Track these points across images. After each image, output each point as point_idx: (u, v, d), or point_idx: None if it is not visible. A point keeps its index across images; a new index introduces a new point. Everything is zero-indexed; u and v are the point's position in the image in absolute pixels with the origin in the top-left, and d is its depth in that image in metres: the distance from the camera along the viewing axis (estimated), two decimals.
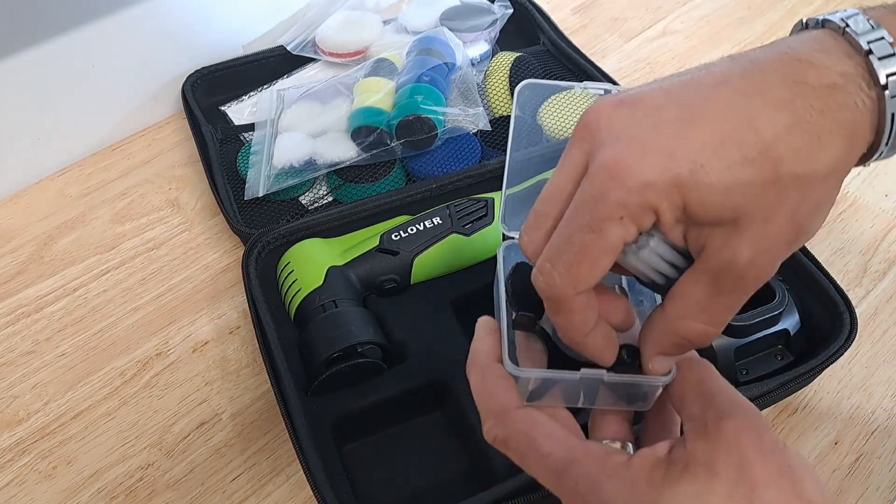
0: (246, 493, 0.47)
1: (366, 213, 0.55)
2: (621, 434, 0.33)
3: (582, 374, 0.31)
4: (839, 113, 0.26)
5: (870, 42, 0.27)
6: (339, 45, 0.71)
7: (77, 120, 0.67)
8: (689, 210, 0.27)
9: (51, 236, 0.62)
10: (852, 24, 0.27)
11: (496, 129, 0.65)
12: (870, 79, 0.26)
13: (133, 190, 0.65)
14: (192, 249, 0.61)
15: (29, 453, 0.49)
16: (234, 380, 0.53)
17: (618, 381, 0.31)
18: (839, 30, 0.27)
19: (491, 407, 0.31)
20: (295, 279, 0.49)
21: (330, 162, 0.60)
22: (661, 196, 0.27)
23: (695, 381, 0.31)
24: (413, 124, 0.59)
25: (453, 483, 0.45)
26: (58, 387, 0.53)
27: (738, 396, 0.30)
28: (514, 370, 0.31)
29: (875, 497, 0.47)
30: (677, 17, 0.82)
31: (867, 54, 0.26)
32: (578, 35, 0.79)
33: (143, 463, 0.49)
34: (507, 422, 0.31)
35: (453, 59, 0.66)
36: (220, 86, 0.71)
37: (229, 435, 0.50)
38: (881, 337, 0.54)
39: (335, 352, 0.45)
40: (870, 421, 0.50)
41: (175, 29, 0.68)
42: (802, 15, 0.82)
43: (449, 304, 0.51)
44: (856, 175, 0.66)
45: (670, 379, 0.31)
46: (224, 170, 0.63)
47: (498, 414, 0.31)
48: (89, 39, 0.63)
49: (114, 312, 0.57)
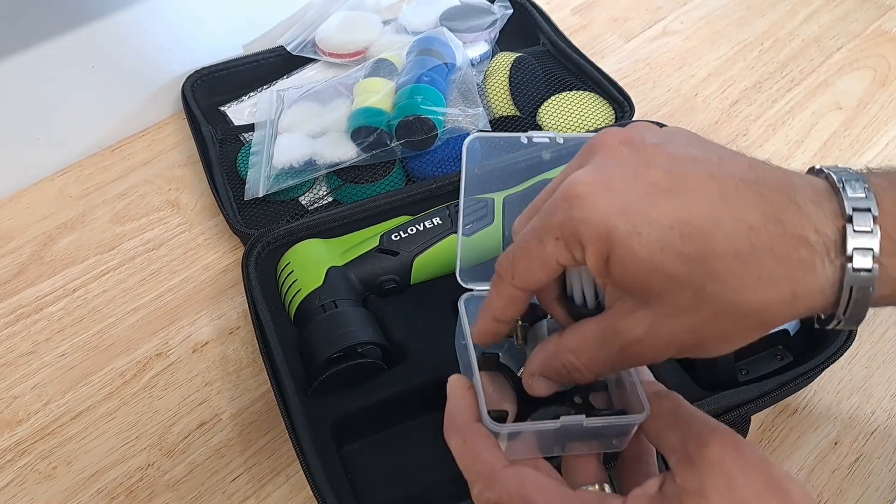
0: (246, 494, 0.47)
1: (366, 213, 0.55)
2: (597, 477, 0.33)
3: (562, 421, 0.31)
4: (795, 267, 0.26)
5: (855, 209, 0.26)
6: (338, 46, 0.71)
7: (77, 120, 0.67)
8: (609, 265, 0.28)
9: (51, 236, 0.62)
10: (850, 188, 0.26)
11: (496, 129, 0.65)
12: (841, 246, 0.26)
13: (133, 190, 0.65)
14: (191, 250, 0.61)
15: (29, 454, 0.49)
16: (234, 380, 0.53)
17: (597, 425, 0.32)
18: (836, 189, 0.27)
19: (478, 470, 0.31)
20: (295, 279, 0.49)
21: (330, 162, 0.60)
22: (592, 239, 0.28)
23: (667, 413, 0.31)
24: (413, 124, 0.59)
25: (453, 483, 0.45)
26: (58, 387, 0.53)
27: (712, 420, 0.30)
28: (496, 427, 0.31)
29: (875, 497, 0.47)
30: (677, 17, 0.82)
31: (848, 220, 0.26)
32: (578, 35, 0.79)
33: (143, 463, 0.49)
34: (497, 484, 0.30)
35: (453, 60, 0.66)
36: (220, 86, 0.71)
37: (229, 435, 0.50)
38: (881, 337, 0.54)
39: (335, 352, 0.45)
40: (870, 421, 0.50)
41: (175, 29, 0.68)
42: (802, 15, 0.82)
43: (449, 304, 0.51)
44: None
45: (645, 416, 0.31)
46: (224, 170, 0.63)
47: (487, 477, 0.31)
48: (89, 39, 0.63)
49: (114, 313, 0.57)
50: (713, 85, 0.74)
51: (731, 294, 0.26)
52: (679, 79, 0.75)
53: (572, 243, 0.28)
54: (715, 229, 0.26)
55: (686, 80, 0.75)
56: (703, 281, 0.26)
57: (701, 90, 0.74)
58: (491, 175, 0.57)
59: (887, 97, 0.72)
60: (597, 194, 0.28)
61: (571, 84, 0.68)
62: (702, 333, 0.27)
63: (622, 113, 0.65)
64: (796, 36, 0.80)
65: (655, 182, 0.28)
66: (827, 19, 0.81)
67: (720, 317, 0.27)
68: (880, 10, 0.82)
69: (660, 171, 0.28)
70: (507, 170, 0.46)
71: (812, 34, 0.80)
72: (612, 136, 0.30)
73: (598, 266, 0.28)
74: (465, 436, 0.32)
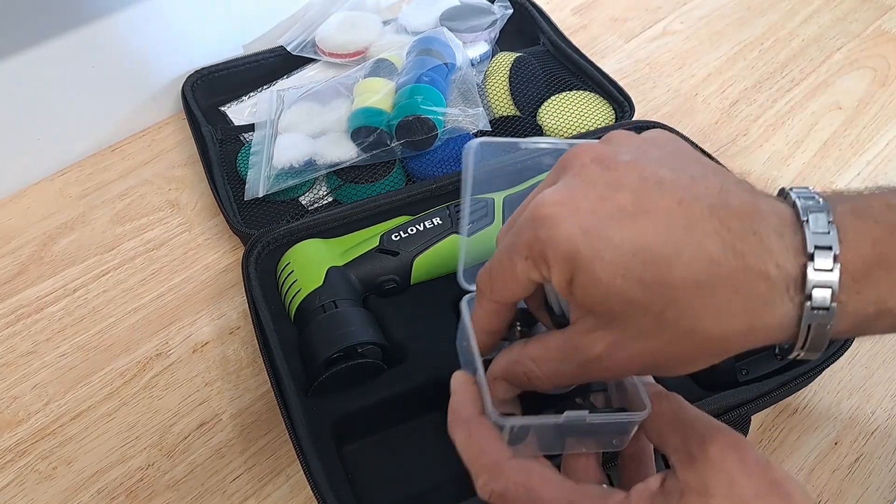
0: (246, 494, 0.47)
1: (366, 213, 0.55)
2: (596, 478, 0.33)
3: (566, 416, 0.31)
4: (754, 301, 0.26)
5: (816, 247, 0.26)
6: (338, 46, 0.71)
7: (77, 120, 0.67)
8: (572, 286, 0.28)
9: (51, 236, 0.62)
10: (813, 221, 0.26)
11: (496, 129, 0.65)
12: (801, 283, 0.26)
13: (133, 190, 0.65)
14: (192, 250, 0.61)
15: (29, 454, 0.49)
16: (234, 380, 0.53)
17: (600, 421, 0.32)
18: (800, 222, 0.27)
19: (483, 462, 0.31)
20: (295, 279, 0.49)
21: (330, 162, 0.60)
22: (557, 260, 0.28)
23: (669, 413, 0.31)
24: (413, 124, 0.59)
25: (453, 483, 0.45)
26: (58, 387, 0.53)
27: (714, 421, 0.30)
28: (501, 419, 0.32)
29: (875, 497, 0.47)
30: (677, 17, 0.82)
31: (809, 258, 0.26)
32: (578, 35, 0.79)
33: (143, 463, 0.49)
34: (502, 475, 0.31)
35: (453, 60, 0.66)
36: (220, 86, 0.71)
37: (229, 435, 0.50)
38: (881, 337, 0.54)
39: (335, 352, 0.45)
40: (870, 421, 0.50)
41: (175, 29, 0.68)
42: (802, 15, 0.82)
43: (449, 304, 0.51)
44: (856, 175, 0.66)
45: (647, 414, 0.32)
46: (224, 170, 0.63)
47: (491, 468, 0.31)
48: (89, 39, 0.63)
49: (114, 313, 0.57)
50: (713, 85, 0.75)
51: (688, 321, 0.27)
52: (679, 79, 0.75)
53: (539, 262, 0.29)
54: (676, 258, 0.26)
55: (686, 80, 0.75)
56: (663, 307, 0.27)
57: (701, 90, 0.74)
58: (491, 175, 0.57)
59: (887, 97, 0.72)
60: (562, 216, 0.28)
61: (571, 84, 0.68)
62: (660, 356, 0.28)
63: (622, 113, 0.65)
64: (796, 36, 0.80)
65: (622, 206, 0.28)
66: (827, 19, 0.81)
67: (678, 342, 0.27)
68: (880, 10, 0.82)
69: (627, 194, 0.28)
70: (508, 170, 0.46)
71: (812, 34, 0.80)
72: (584, 153, 0.30)
73: (562, 286, 0.29)
74: (469, 428, 0.32)
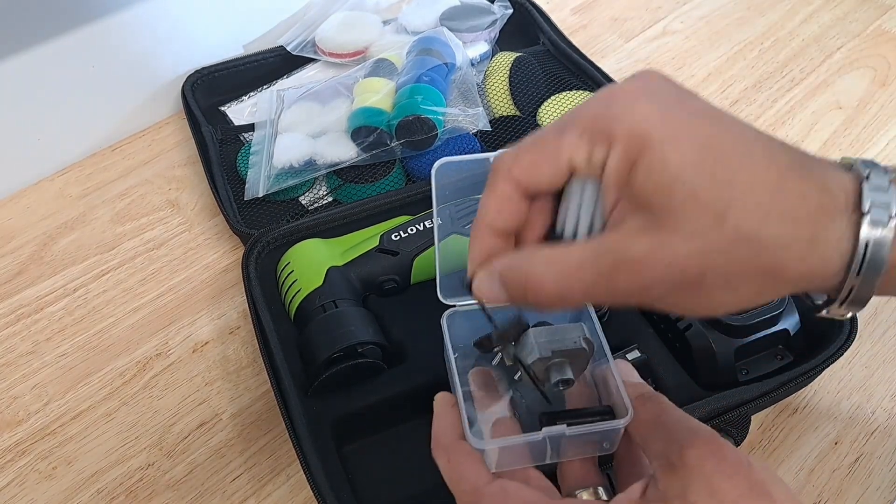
0: (246, 494, 0.47)
1: (366, 213, 0.55)
2: (591, 479, 0.33)
3: (545, 433, 0.32)
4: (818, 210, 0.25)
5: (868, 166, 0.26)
6: (338, 46, 0.71)
7: (77, 120, 0.67)
8: (634, 171, 0.26)
9: (51, 236, 0.62)
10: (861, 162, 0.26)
11: (496, 129, 0.65)
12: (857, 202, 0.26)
13: (133, 190, 0.65)
14: (192, 250, 0.61)
15: (29, 454, 0.49)
16: (234, 380, 0.53)
17: (579, 433, 0.32)
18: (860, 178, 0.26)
19: (462, 488, 0.31)
20: (295, 279, 0.49)
21: (330, 162, 0.60)
22: (624, 136, 0.26)
23: (651, 417, 0.31)
24: (413, 124, 0.59)
25: None
26: (58, 387, 0.53)
27: (696, 423, 0.30)
28: (478, 444, 0.32)
29: (875, 497, 0.47)
30: (677, 17, 0.82)
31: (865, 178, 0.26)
32: (578, 35, 0.79)
33: (143, 463, 0.49)
34: (482, 500, 0.31)
35: (453, 60, 0.66)
36: (220, 86, 0.71)
37: (229, 435, 0.50)
38: (881, 337, 0.54)
39: (335, 352, 0.45)
40: (870, 421, 0.50)
41: (175, 29, 0.68)
42: (802, 15, 0.82)
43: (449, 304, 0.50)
44: None
45: (629, 420, 0.32)
46: (224, 170, 0.63)
47: (471, 494, 0.31)
48: (89, 39, 0.63)
49: (114, 313, 0.57)
50: (713, 85, 0.74)
51: (753, 224, 0.25)
52: (679, 79, 0.74)
53: (598, 139, 0.27)
54: (749, 160, 0.25)
55: (686, 80, 0.75)
56: (726, 207, 0.25)
57: (701, 90, 0.74)
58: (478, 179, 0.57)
59: (887, 97, 0.72)
60: (640, 97, 0.27)
61: (571, 84, 0.68)
62: (706, 264, 0.25)
63: None
64: (796, 36, 0.80)
65: (697, 108, 0.27)
66: (827, 19, 0.81)
67: (734, 247, 0.25)
68: (880, 10, 0.82)
69: (701, 103, 0.27)
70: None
71: (812, 34, 0.80)
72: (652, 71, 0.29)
73: (620, 170, 0.26)
74: (449, 455, 0.32)
